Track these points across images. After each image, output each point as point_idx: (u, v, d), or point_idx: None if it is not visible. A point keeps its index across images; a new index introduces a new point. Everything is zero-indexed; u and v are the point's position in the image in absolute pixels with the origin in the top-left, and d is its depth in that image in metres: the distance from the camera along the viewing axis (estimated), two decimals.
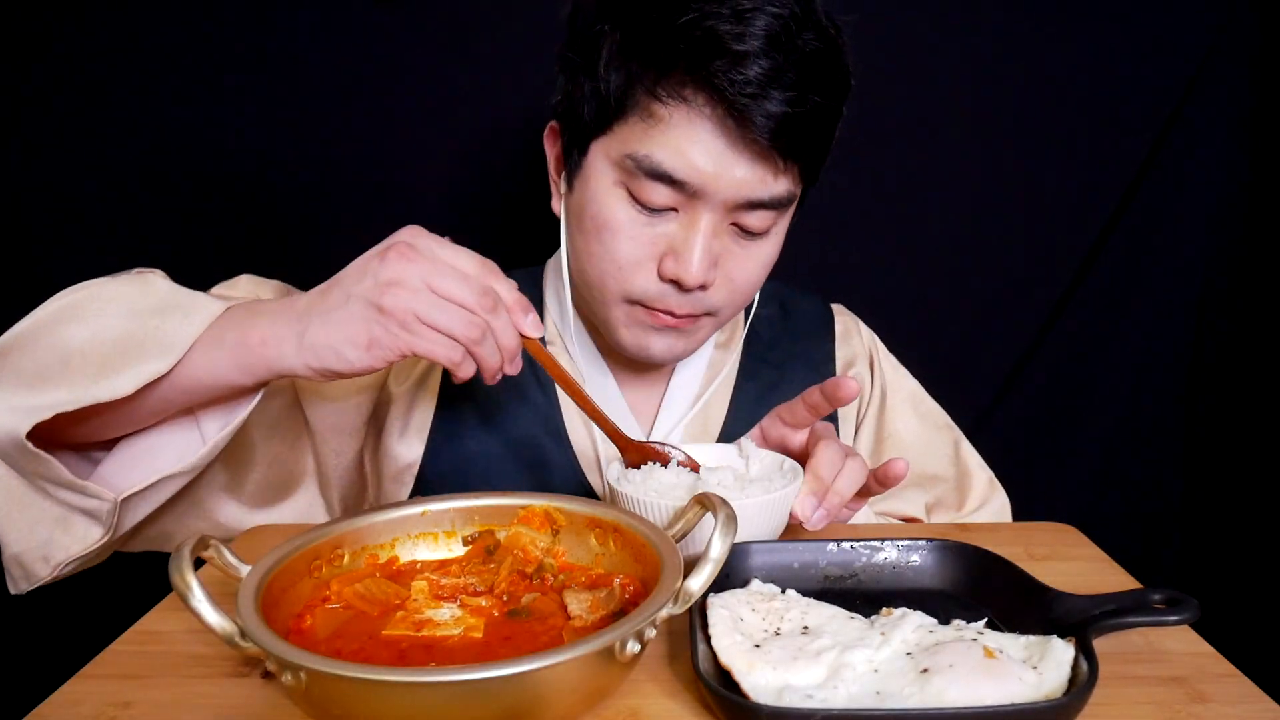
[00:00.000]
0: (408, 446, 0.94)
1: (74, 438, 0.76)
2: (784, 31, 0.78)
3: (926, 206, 1.47)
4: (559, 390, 0.96)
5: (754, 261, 0.90)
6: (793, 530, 0.77)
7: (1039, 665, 0.53)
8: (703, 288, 0.86)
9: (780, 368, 1.05)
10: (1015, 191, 1.47)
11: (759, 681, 0.53)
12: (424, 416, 0.95)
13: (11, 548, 0.76)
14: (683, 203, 0.84)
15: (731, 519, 0.56)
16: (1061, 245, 1.49)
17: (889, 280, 1.49)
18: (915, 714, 0.49)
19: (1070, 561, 0.74)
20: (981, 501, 1.04)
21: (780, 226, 0.90)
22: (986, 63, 1.42)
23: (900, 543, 0.69)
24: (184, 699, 0.55)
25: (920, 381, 1.11)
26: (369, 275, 0.68)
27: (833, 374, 1.06)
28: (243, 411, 0.77)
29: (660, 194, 0.83)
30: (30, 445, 0.70)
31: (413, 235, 0.70)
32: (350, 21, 1.35)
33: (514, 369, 0.74)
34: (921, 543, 0.69)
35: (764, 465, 0.81)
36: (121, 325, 0.73)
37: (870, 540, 0.69)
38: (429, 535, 0.68)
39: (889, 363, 1.12)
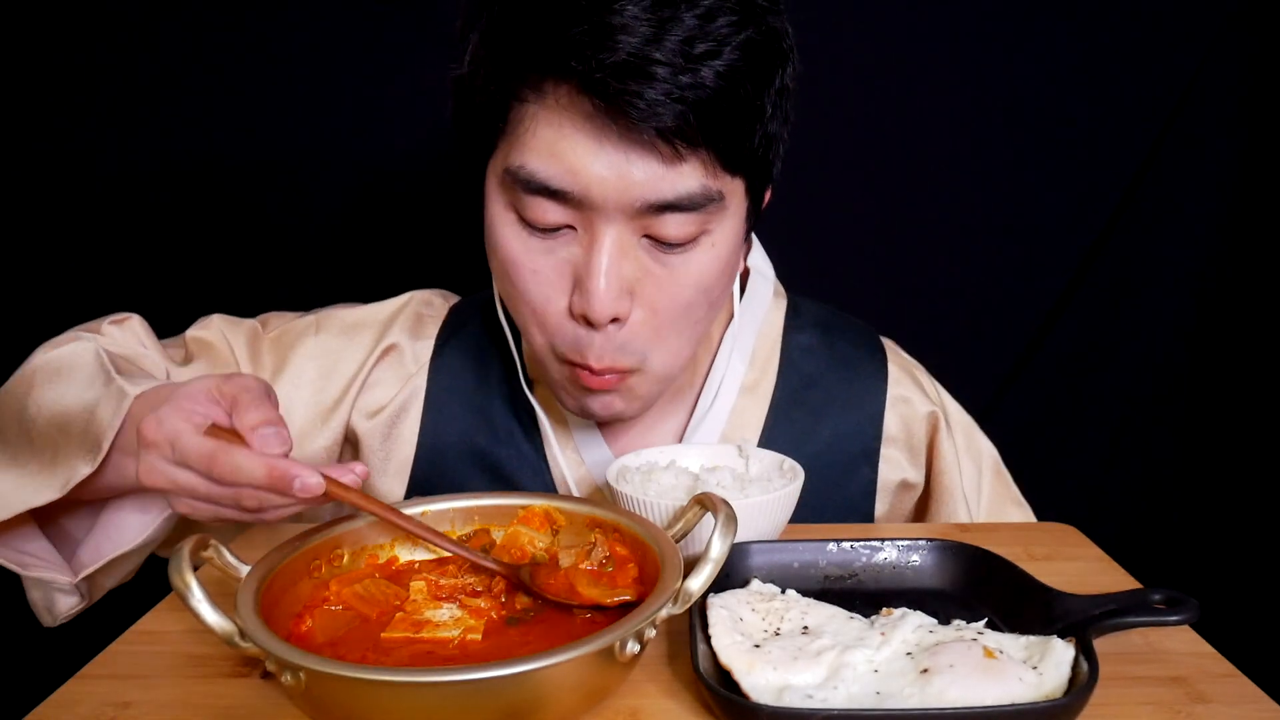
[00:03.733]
0: (388, 485, 0.92)
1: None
2: None
3: (926, 206, 1.47)
4: (545, 437, 0.90)
5: (680, 284, 0.75)
6: (793, 530, 0.77)
7: (1039, 665, 0.53)
8: (617, 321, 0.74)
9: (819, 412, 0.92)
10: (1015, 191, 1.47)
11: (759, 681, 0.53)
12: (403, 457, 0.91)
13: (30, 593, 0.81)
14: (576, 218, 0.72)
15: (731, 519, 0.56)
16: (1061, 245, 1.49)
17: (888, 279, 1.49)
18: (915, 714, 0.49)
19: (1070, 561, 0.74)
20: None
21: (717, 235, 0.75)
22: (987, 62, 1.42)
23: (900, 543, 0.69)
24: (184, 699, 0.55)
25: None
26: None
27: (879, 421, 0.93)
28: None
29: (545, 210, 0.72)
30: None
31: (150, 444, 0.62)
32: (350, 18, 1.35)
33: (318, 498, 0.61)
34: (921, 543, 0.69)
35: (764, 465, 0.81)
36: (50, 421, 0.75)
37: (870, 540, 0.69)
38: None
39: (959, 419, 0.98)
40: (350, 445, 0.93)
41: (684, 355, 0.80)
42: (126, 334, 0.86)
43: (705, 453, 0.84)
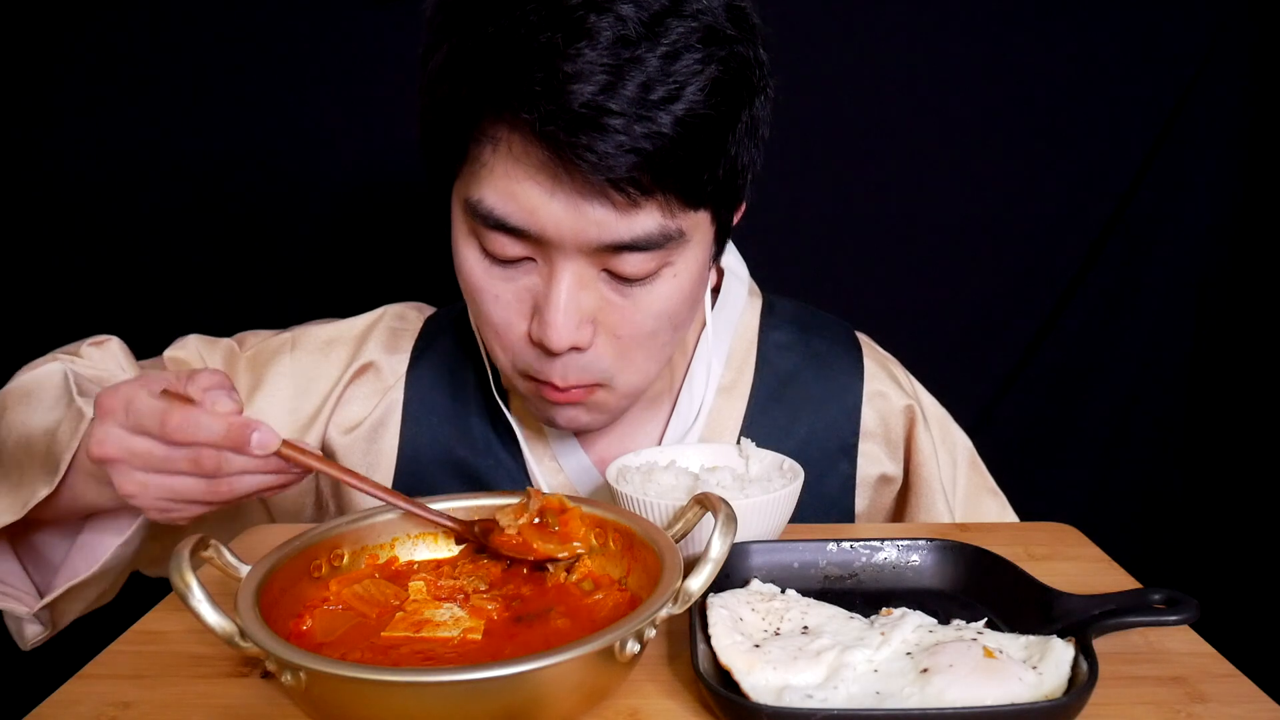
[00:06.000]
0: (369, 498, 0.92)
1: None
2: (634, 31, 0.64)
3: (926, 206, 1.47)
4: (522, 446, 0.90)
5: (643, 313, 0.75)
6: (792, 530, 0.77)
7: (1039, 665, 0.53)
8: (578, 350, 0.75)
9: (796, 409, 0.93)
10: (1015, 192, 1.47)
11: (759, 681, 0.53)
12: (384, 470, 0.92)
13: (5, 616, 0.81)
14: (535, 251, 0.72)
15: (731, 519, 0.56)
16: (1061, 245, 1.49)
17: (889, 280, 1.49)
18: (915, 714, 0.49)
19: (1070, 561, 0.74)
20: None
21: (680, 266, 0.75)
22: (986, 63, 1.42)
23: (900, 543, 0.69)
24: (184, 699, 0.55)
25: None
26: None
27: (856, 416, 0.93)
28: (133, 524, 0.76)
29: (505, 244, 0.72)
30: None
31: (102, 416, 0.63)
32: (343, 21, 1.34)
33: (279, 479, 0.65)
34: (921, 543, 0.69)
35: (764, 465, 0.81)
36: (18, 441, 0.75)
37: (870, 540, 0.69)
38: (429, 535, 0.68)
39: (934, 412, 0.99)
40: (327, 456, 0.93)
41: (652, 373, 0.81)
42: (105, 356, 0.87)
43: (705, 453, 0.84)
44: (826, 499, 0.92)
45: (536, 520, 0.65)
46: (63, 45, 1.33)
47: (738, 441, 0.86)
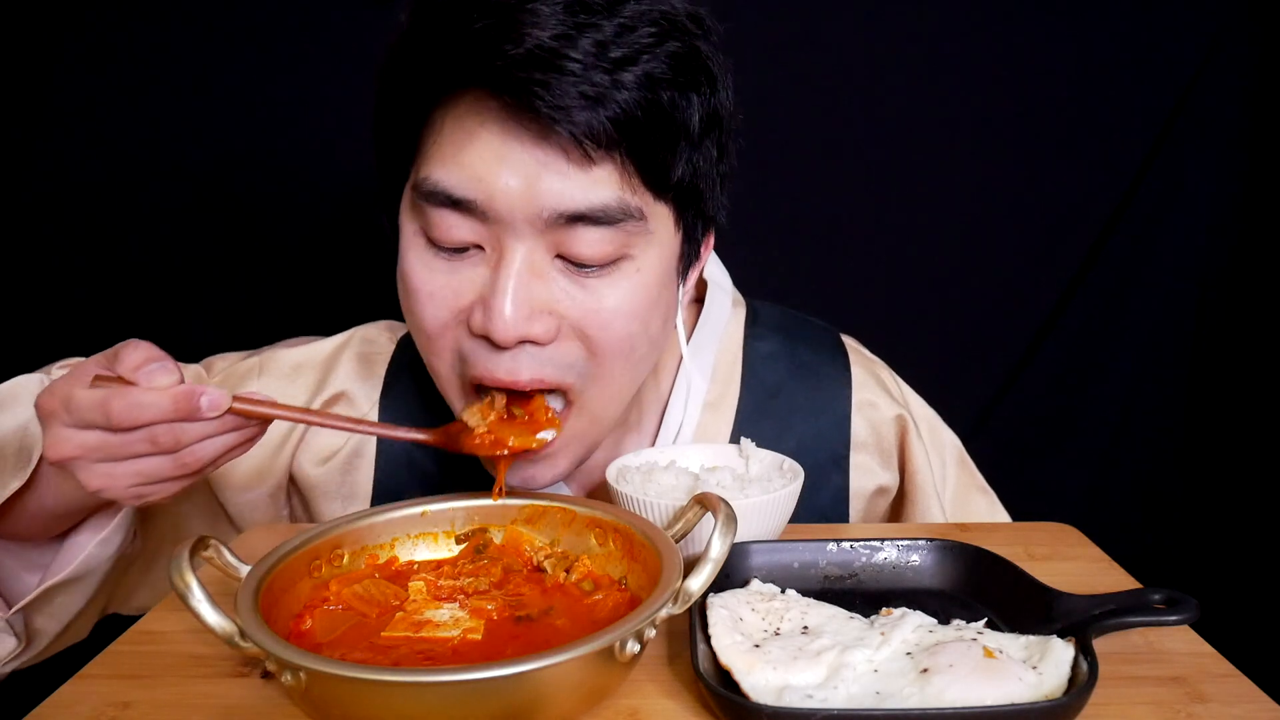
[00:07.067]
0: (342, 509, 0.90)
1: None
2: (590, 1, 0.64)
3: (927, 207, 1.47)
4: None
5: (608, 310, 0.70)
6: (792, 530, 0.77)
7: (1039, 665, 0.53)
8: (534, 343, 0.69)
9: (784, 421, 0.90)
10: (1015, 192, 1.47)
11: (759, 681, 0.53)
12: (361, 498, 0.89)
13: None
14: (484, 235, 0.68)
15: (731, 519, 0.56)
16: (1061, 245, 1.50)
17: (889, 280, 1.49)
18: (915, 714, 0.49)
19: (1070, 561, 0.74)
20: None
21: (641, 261, 0.71)
22: (986, 63, 1.42)
23: (900, 543, 0.69)
24: (184, 699, 0.55)
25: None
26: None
27: (845, 426, 0.92)
28: (111, 521, 0.75)
29: (451, 224, 0.68)
30: None
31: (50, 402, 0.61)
32: (343, 21, 1.34)
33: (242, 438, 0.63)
34: (921, 543, 0.69)
35: (764, 465, 0.81)
36: None
37: (870, 540, 0.69)
38: (429, 535, 0.68)
39: (922, 414, 0.98)
40: (298, 490, 0.91)
41: (625, 391, 0.77)
42: None
43: (705, 453, 0.84)
44: (819, 511, 0.90)
45: (505, 416, 0.67)
46: (63, 45, 1.33)
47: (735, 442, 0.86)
